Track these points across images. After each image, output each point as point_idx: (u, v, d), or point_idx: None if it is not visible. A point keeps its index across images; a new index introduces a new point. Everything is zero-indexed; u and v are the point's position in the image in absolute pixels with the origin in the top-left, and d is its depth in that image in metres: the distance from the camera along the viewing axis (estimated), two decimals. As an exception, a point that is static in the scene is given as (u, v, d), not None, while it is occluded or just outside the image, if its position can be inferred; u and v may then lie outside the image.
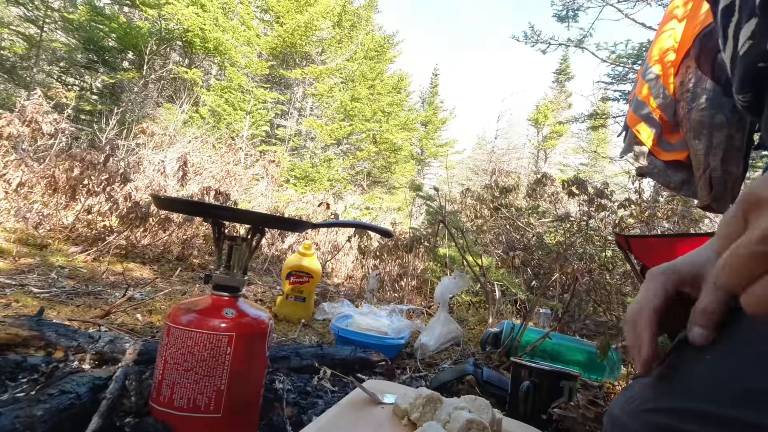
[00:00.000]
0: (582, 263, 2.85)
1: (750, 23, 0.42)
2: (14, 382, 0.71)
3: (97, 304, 1.42)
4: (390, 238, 1.85)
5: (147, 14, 8.98)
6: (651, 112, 1.96)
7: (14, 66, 7.94)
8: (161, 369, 0.65)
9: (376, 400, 0.75)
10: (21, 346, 0.88)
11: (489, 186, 4.00)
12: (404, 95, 14.75)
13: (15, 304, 1.27)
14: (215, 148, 5.33)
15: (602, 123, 9.64)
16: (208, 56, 10.54)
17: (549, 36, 7.23)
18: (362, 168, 12.77)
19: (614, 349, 1.44)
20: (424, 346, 1.47)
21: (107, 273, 1.90)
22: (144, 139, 4.25)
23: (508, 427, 0.74)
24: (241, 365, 0.66)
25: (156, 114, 7.73)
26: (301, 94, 12.58)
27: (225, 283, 0.70)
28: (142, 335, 1.20)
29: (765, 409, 0.28)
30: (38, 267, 1.77)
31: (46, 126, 2.65)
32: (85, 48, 8.58)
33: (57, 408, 0.59)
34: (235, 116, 9.67)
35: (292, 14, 10.82)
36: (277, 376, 0.93)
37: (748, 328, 0.34)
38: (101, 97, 9.00)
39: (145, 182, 3.05)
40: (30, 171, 2.51)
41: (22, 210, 2.29)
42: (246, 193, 5.29)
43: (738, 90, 0.41)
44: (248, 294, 2.05)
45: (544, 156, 18.44)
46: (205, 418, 0.64)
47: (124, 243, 2.44)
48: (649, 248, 1.83)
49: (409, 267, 2.89)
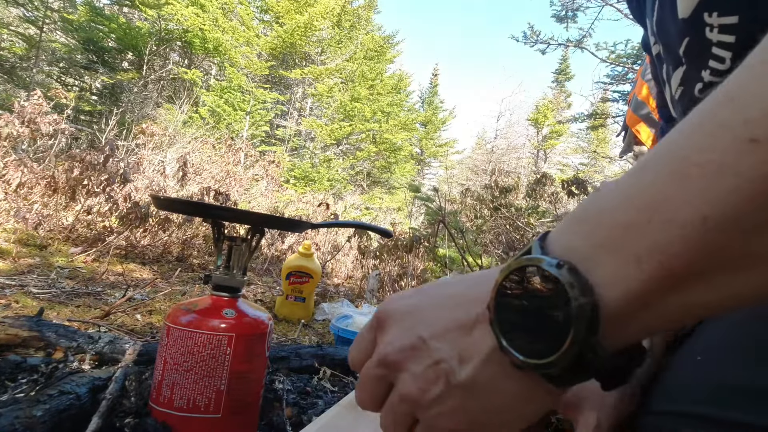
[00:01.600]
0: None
1: (678, 71, 0.44)
2: (14, 383, 0.71)
3: (97, 305, 1.42)
4: (390, 238, 1.86)
5: (146, 15, 8.98)
6: (651, 112, 1.96)
7: (14, 66, 7.95)
8: (161, 369, 0.66)
9: (376, 400, 0.75)
10: (21, 347, 0.88)
11: (489, 186, 4.00)
12: (404, 95, 14.76)
13: (15, 305, 1.27)
14: (215, 148, 5.33)
15: (602, 123, 9.65)
16: (207, 56, 10.54)
17: (548, 36, 7.24)
18: (362, 168, 12.77)
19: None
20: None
21: (107, 273, 1.89)
22: (144, 139, 4.24)
23: (508, 427, 0.74)
24: (241, 366, 0.66)
25: (156, 114, 7.73)
26: (301, 95, 12.58)
27: (225, 283, 0.70)
28: (142, 336, 1.20)
29: (758, 409, 0.28)
30: (38, 267, 1.77)
31: (46, 126, 2.65)
32: (85, 48, 8.59)
33: (57, 408, 0.59)
34: (235, 116, 9.67)
35: (292, 14, 10.83)
36: (277, 376, 0.93)
37: (737, 328, 0.34)
38: (101, 97, 9.00)
39: (144, 183, 3.05)
40: (30, 171, 2.51)
41: (22, 210, 2.29)
42: (246, 193, 5.29)
43: None
44: (248, 294, 2.05)
45: (544, 156, 18.45)
46: (205, 419, 0.64)
47: (123, 243, 2.44)
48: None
49: (409, 267, 2.89)
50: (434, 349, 0.27)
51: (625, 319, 0.22)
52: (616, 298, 0.21)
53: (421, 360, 0.28)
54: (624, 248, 0.21)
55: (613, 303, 0.21)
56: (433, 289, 0.31)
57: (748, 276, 0.20)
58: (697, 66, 0.40)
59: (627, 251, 0.21)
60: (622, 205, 0.22)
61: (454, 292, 0.29)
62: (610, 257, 0.22)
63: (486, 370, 0.26)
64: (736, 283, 0.20)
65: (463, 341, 0.27)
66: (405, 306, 0.30)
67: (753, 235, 0.19)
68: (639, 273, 0.21)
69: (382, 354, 0.29)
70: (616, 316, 0.22)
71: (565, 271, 0.22)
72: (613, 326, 0.22)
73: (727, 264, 0.19)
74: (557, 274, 0.22)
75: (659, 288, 0.21)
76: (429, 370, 0.27)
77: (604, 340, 0.22)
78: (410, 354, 0.28)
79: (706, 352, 0.34)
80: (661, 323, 0.22)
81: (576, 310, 0.22)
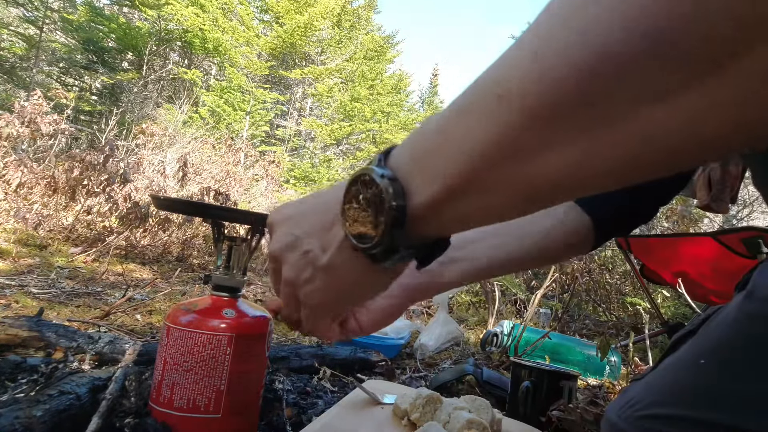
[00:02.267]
0: (581, 263, 2.85)
1: None
2: (14, 383, 0.71)
3: (97, 305, 1.42)
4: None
5: (146, 15, 8.98)
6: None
7: (14, 67, 7.95)
8: (161, 369, 0.66)
9: (376, 400, 0.75)
10: (20, 347, 0.88)
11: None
12: (404, 95, 14.75)
13: (15, 305, 1.27)
14: (215, 148, 5.33)
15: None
16: (207, 57, 10.54)
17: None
18: (362, 168, 12.74)
19: (614, 348, 1.44)
20: (423, 346, 1.47)
21: (107, 273, 1.89)
22: (144, 139, 4.25)
23: (508, 427, 0.74)
24: (241, 366, 0.66)
25: (155, 114, 7.73)
26: (301, 95, 12.58)
27: (224, 283, 0.70)
28: (142, 336, 1.20)
29: (761, 416, 0.28)
30: (38, 268, 1.77)
31: (46, 127, 2.65)
32: (85, 49, 8.59)
33: (56, 409, 0.59)
34: (235, 116, 9.67)
35: (292, 14, 10.83)
36: (277, 376, 0.93)
37: (740, 333, 0.33)
38: (101, 97, 9.01)
39: (144, 183, 3.05)
40: (30, 172, 2.51)
41: (22, 211, 2.29)
42: (246, 193, 5.29)
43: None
44: (248, 294, 2.05)
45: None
46: (205, 419, 0.64)
47: (123, 243, 2.44)
48: (649, 248, 1.83)
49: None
50: (305, 244, 0.36)
51: (425, 219, 0.29)
52: (419, 203, 0.29)
53: (295, 252, 0.37)
54: (427, 167, 0.28)
55: (417, 207, 0.29)
56: (310, 199, 0.39)
57: (491, 197, 0.27)
58: None
59: (428, 170, 0.28)
60: (432, 132, 0.28)
61: (324, 200, 0.37)
62: (418, 173, 0.29)
63: (339, 255, 0.34)
64: (486, 201, 0.27)
65: (325, 236, 0.35)
66: (286, 214, 0.39)
67: (497, 169, 0.25)
68: (432, 187, 0.28)
69: (270, 251, 0.39)
70: (418, 217, 0.29)
71: (386, 180, 0.29)
72: (416, 224, 0.29)
73: (481, 187, 0.26)
74: (380, 181, 0.29)
75: (445, 199, 0.28)
76: (301, 260, 0.36)
77: (411, 233, 0.30)
78: (288, 249, 0.37)
79: (709, 356, 0.34)
80: (451, 224, 0.30)
81: (387, 209, 0.29)
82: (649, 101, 0.19)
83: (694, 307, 1.72)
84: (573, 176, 0.23)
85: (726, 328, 0.35)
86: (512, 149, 0.23)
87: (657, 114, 0.20)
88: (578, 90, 0.20)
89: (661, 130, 0.20)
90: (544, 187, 0.25)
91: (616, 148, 0.21)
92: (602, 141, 0.21)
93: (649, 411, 0.35)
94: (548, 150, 0.23)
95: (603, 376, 1.41)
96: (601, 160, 0.22)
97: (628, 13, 0.18)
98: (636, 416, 0.36)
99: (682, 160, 0.22)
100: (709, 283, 1.68)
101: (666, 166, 0.22)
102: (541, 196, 0.26)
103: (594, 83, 0.20)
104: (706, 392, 0.32)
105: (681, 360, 0.37)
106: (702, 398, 0.32)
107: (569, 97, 0.21)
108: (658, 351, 1.69)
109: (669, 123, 0.20)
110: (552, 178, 0.24)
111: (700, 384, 0.33)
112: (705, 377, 0.33)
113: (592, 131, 0.21)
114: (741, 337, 0.33)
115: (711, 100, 0.19)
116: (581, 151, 0.22)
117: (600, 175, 0.23)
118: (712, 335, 0.36)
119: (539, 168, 0.23)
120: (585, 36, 0.20)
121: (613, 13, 0.19)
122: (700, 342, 0.37)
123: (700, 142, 0.20)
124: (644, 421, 0.35)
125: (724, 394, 0.31)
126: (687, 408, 0.32)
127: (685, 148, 0.21)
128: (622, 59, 0.19)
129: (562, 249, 0.57)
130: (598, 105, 0.20)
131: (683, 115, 0.19)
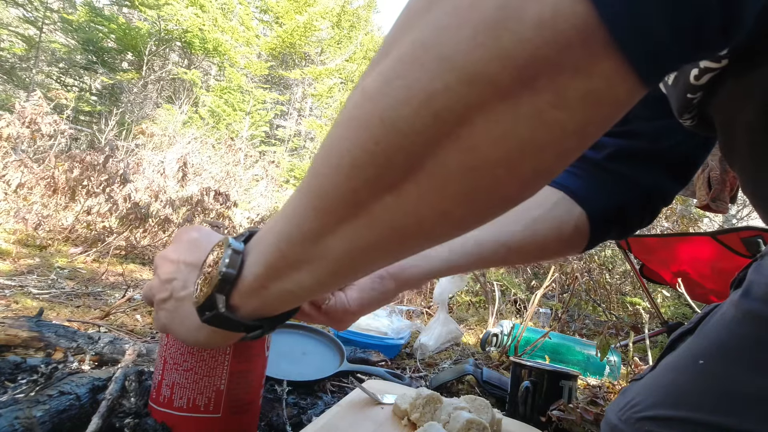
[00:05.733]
0: (581, 263, 2.85)
1: None
2: (13, 383, 0.71)
3: (97, 305, 1.42)
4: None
5: (146, 15, 8.98)
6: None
7: (13, 67, 7.95)
8: (161, 369, 0.66)
9: (376, 400, 0.76)
10: (20, 347, 0.88)
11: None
12: (404, 95, 14.72)
13: (15, 305, 1.27)
14: (215, 148, 5.33)
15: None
16: (207, 57, 10.54)
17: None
18: (362, 168, 12.74)
19: (614, 348, 1.44)
20: (423, 346, 1.47)
21: (107, 274, 1.89)
22: (143, 139, 4.24)
23: (508, 427, 0.74)
24: (241, 365, 0.66)
25: (155, 115, 7.73)
26: (301, 95, 12.59)
27: (224, 283, 0.71)
28: (142, 336, 1.20)
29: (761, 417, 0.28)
30: (38, 268, 1.77)
31: (46, 127, 2.65)
32: (85, 49, 8.59)
33: (56, 409, 0.59)
34: (235, 117, 9.67)
35: (291, 15, 10.82)
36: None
37: (738, 334, 0.33)
38: (100, 98, 9.01)
39: (144, 183, 3.05)
40: (29, 172, 2.51)
41: (22, 211, 2.29)
42: (246, 193, 5.29)
43: (678, 116, 0.41)
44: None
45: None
46: (205, 418, 0.64)
47: (123, 244, 2.44)
48: (649, 248, 1.84)
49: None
50: (175, 271, 0.41)
51: (252, 293, 0.33)
52: (249, 275, 0.32)
53: (164, 274, 0.41)
54: (261, 246, 0.33)
55: (246, 279, 0.33)
56: (183, 235, 0.45)
57: (305, 274, 0.30)
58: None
59: (261, 249, 0.32)
60: (278, 213, 0.32)
61: (211, 240, 0.41)
62: (256, 250, 0.33)
63: (187, 302, 0.39)
64: (301, 277, 0.30)
65: (189, 274, 0.40)
66: (166, 254, 0.44)
67: (306, 246, 0.29)
68: (259, 265, 0.32)
69: (157, 255, 0.45)
70: (246, 288, 0.33)
71: (230, 250, 0.33)
72: (243, 295, 0.33)
73: (295, 265, 0.30)
74: (226, 249, 0.34)
75: (270, 276, 0.31)
76: (165, 283, 0.41)
77: (238, 305, 0.34)
78: (166, 264, 0.42)
79: (708, 356, 0.34)
80: (275, 301, 0.34)
81: (218, 274, 0.33)
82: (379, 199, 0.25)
83: (694, 306, 1.72)
84: (355, 257, 0.28)
85: (723, 328, 0.34)
86: (307, 233, 0.28)
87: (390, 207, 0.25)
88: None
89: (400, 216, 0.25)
90: (344, 264, 0.29)
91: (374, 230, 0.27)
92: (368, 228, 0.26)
93: (649, 413, 0.35)
94: (331, 234, 0.27)
95: (603, 375, 1.41)
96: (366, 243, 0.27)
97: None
98: (636, 418, 0.36)
99: (432, 237, 0.27)
100: (708, 283, 1.69)
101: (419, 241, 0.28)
102: (343, 271, 0.30)
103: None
104: (705, 394, 0.32)
105: (680, 360, 0.37)
106: (701, 400, 0.32)
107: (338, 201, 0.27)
108: (658, 351, 1.69)
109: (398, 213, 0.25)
110: (340, 258, 0.28)
111: (699, 385, 0.33)
112: (704, 378, 0.33)
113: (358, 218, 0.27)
114: (739, 338, 0.33)
115: (405, 209, 0.25)
116: (357, 234, 0.27)
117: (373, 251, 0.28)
118: (709, 335, 0.36)
119: (327, 251, 0.28)
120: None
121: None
122: (698, 342, 0.36)
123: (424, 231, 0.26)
124: (644, 423, 0.35)
125: (723, 396, 0.31)
126: (687, 410, 0.32)
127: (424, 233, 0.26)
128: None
129: (559, 238, 0.57)
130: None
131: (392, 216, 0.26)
